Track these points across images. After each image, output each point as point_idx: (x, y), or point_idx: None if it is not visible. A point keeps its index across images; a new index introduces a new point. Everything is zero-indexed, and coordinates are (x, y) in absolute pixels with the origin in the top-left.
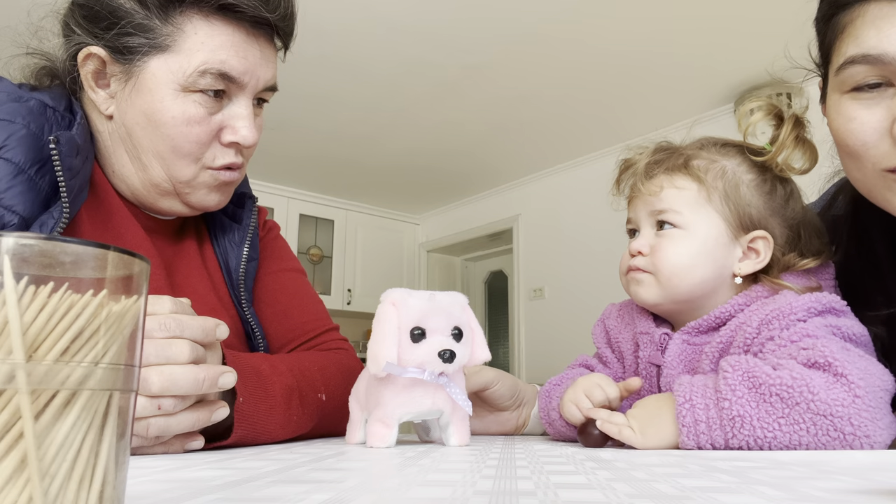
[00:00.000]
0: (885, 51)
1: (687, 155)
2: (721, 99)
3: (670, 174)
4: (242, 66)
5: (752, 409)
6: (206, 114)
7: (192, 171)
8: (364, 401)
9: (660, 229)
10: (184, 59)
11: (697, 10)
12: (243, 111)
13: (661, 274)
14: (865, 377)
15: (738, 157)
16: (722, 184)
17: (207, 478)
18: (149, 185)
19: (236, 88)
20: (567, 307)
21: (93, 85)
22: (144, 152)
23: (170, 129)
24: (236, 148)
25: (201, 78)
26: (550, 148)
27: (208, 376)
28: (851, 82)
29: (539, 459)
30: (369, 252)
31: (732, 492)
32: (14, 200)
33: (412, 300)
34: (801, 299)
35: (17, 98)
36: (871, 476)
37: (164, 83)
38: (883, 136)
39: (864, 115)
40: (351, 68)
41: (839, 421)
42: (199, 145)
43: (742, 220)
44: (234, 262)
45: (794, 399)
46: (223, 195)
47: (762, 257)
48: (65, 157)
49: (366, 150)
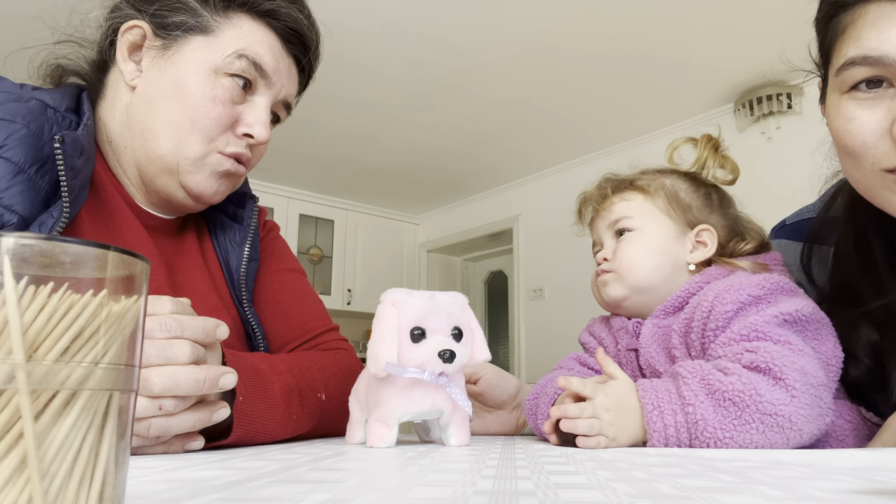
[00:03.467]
0: (886, 52)
1: (631, 178)
2: (721, 99)
3: (620, 192)
4: (274, 65)
5: (711, 414)
6: (230, 99)
7: (202, 150)
8: (364, 401)
9: (619, 236)
10: (224, 44)
11: (697, 11)
12: (262, 108)
13: (621, 268)
14: (801, 378)
15: (674, 175)
16: (663, 192)
17: (207, 478)
18: (154, 157)
19: (263, 86)
20: (567, 307)
21: (126, 55)
22: (160, 122)
23: (195, 101)
24: (247, 141)
25: (237, 60)
26: (550, 148)
27: (209, 377)
28: (851, 83)
29: (539, 459)
30: (369, 252)
31: (732, 492)
32: (13, 200)
33: (412, 300)
34: (752, 278)
35: (18, 98)
36: (871, 476)
37: (199, 59)
38: (882, 136)
39: (864, 115)
40: (351, 69)
41: (781, 419)
42: (217, 125)
43: (687, 218)
44: (234, 262)
45: (744, 402)
46: (222, 186)
47: (709, 246)
48: (68, 157)
49: (366, 150)
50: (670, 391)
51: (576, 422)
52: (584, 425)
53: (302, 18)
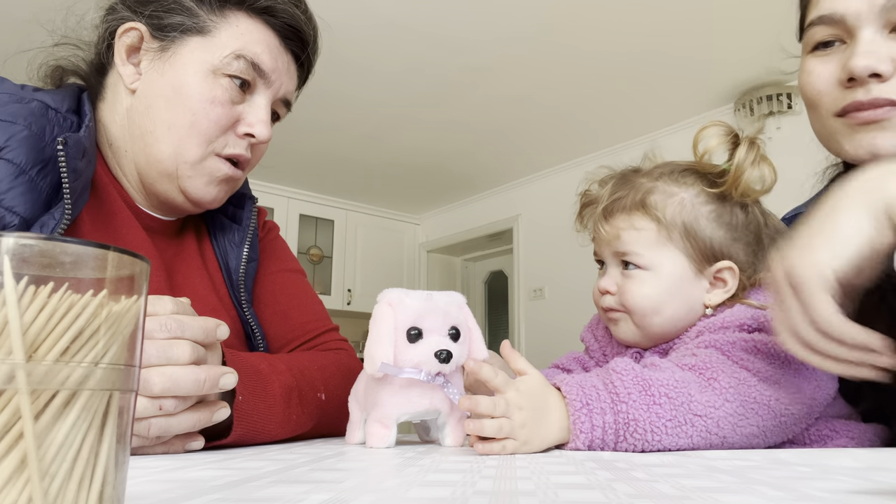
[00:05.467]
0: (835, 10)
1: (645, 190)
2: (721, 99)
3: (629, 215)
4: (272, 64)
5: (644, 413)
6: (228, 100)
7: (201, 153)
8: (363, 401)
9: (625, 268)
10: (221, 45)
11: (697, 10)
12: (262, 108)
13: (635, 314)
14: (735, 385)
15: (696, 187)
16: (681, 220)
17: (207, 478)
18: (154, 161)
19: (262, 85)
20: (567, 307)
21: (124, 58)
22: (160, 125)
23: (194, 103)
24: (248, 141)
25: (235, 61)
26: (550, 148)
27: (209, 377)
28: (813, 43)
29: (539, 460)
30: (369, 252)
31: (732, 492)
32: (15, 201)
33: (409, 300)
34: (737, 311)
35: (19, 99)
36: (871, 476)
37: (197, 61)
38: (835, 84)
39: (820, 68)
40: (351, 68)
41: (710, 422)
42: (216, 127)
43: (704, 254)
44: (234, 263)
45: (679, 399)
46: (221, 192)
47: (729, 286)
48: (70, 159)
49: (366, 150)
50: (597, 387)
51: (482, 422)
52: (492, 427)
53: (299, 14)
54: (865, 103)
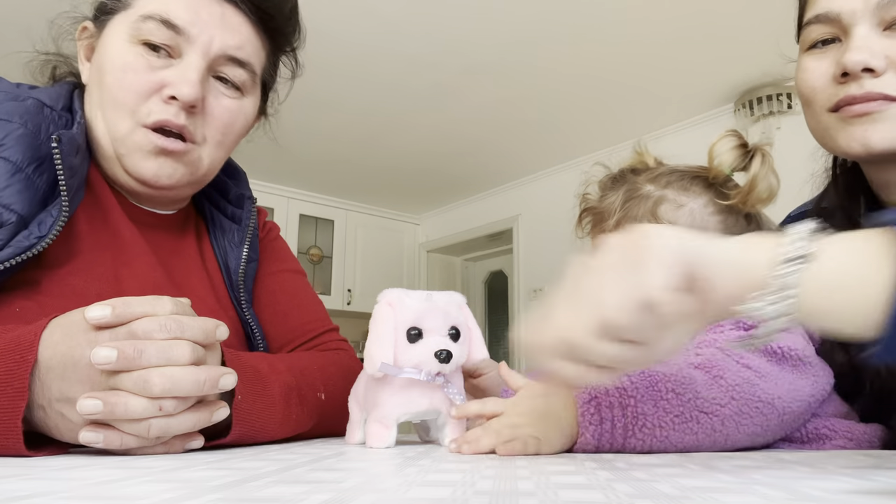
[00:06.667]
0: (831, 9)
1: (654, 200)
2: (721, 99)
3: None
4: (189, 17)
5: (651, 408)
6: (146, 66)
7: (127, 126)
8: (363, 401)
9: None
10: (134, 12)
11: (698, 11)
12: (189, 68)
13: None
14: (741, 384)
15: (705, 196)
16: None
17: (207, 478)
18: (98, 147)
19: (184, 42)
20: None
21: (83, 58)
22: (94, 107)
23: (109, 75)
24: (176, 106)
25: (143, 24)
26: (550, 148)
27: (209, 377)
28: (809, 41)
29: (539, 460)
30: (369, 252)
31: (732, 492)
32: (12, 199)
33: (409, 300)
34: None
35: (15, 97)
36: (870, 476)
37: (116, 34)
38: (829, 80)
39: (815, 65)
40: (351, 69)
41: (715, 419)
42: (133, 94)
43: None
44: (233, 263)
45: (686, 395)
46: (165, 168)
47: None
48: (66, 156)
49: (366, 151)
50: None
51: (479, 441)
52: (497, 431)
53: None
54: (858, 97)
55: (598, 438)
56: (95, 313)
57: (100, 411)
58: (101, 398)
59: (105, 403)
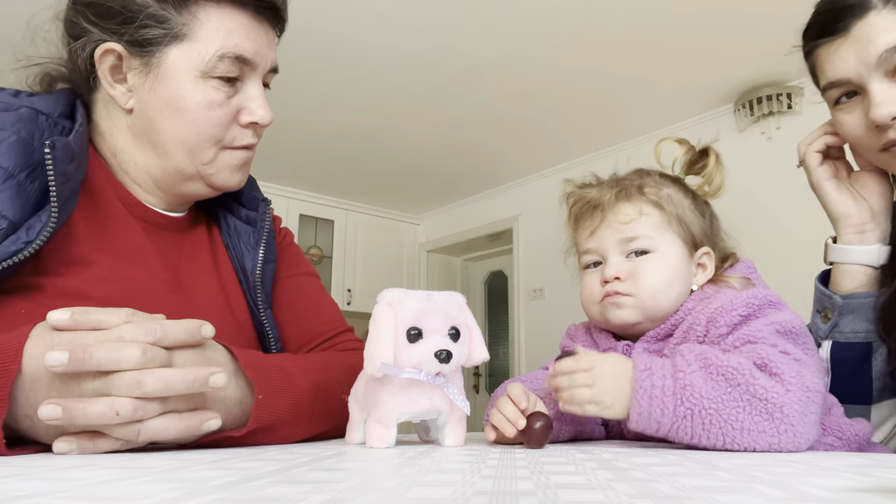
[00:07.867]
0: (839, 76)
1: (638, 184)
2: (721, 99)
3: (635, 202)
4: (253, 47)
5: (701, 382)
6: (224, 97)
7: (214, 153)
8: (363, 401)
9: (626, 256)
10: (201, 47)
11: (698, 11)
12: (257, 92)
13: (644, 295)
14: (796, 378)
15: (674, 186)
16: (674, 208)
17: (207, 478)
18: (172, 171)
19: (249, 70)
20: (567, 307)
21: (111, 81)
22: (168, 140)
23: (194, 114)
24: (253, 128)
25: (220, 63)
26: (551, 148)
27: (198, 377)
28: (834, 99)
29: (539, 459)
30: (369, 252)
31: (732, 491)
32: (3, 205)
33: (409, 300)
34: (740, 296)
35: (7, 107)
36: (870, 473)
37: (184, 71)
38: (866, 129)
39: (848, 119)
40: (351, 68)
41: (772, 406)
42: (221, 128)
43: (693, 240)
44: (250, 265)
45: (736, 380)
46: (243, 174)
47: (709, 269)
48: (58, 163)
49: (366, 151)
50: (664, 362)
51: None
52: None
53: None
54: None
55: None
56: (55, 317)
57: (59, 416)
58: (60, 404)
59: (64, 409)
